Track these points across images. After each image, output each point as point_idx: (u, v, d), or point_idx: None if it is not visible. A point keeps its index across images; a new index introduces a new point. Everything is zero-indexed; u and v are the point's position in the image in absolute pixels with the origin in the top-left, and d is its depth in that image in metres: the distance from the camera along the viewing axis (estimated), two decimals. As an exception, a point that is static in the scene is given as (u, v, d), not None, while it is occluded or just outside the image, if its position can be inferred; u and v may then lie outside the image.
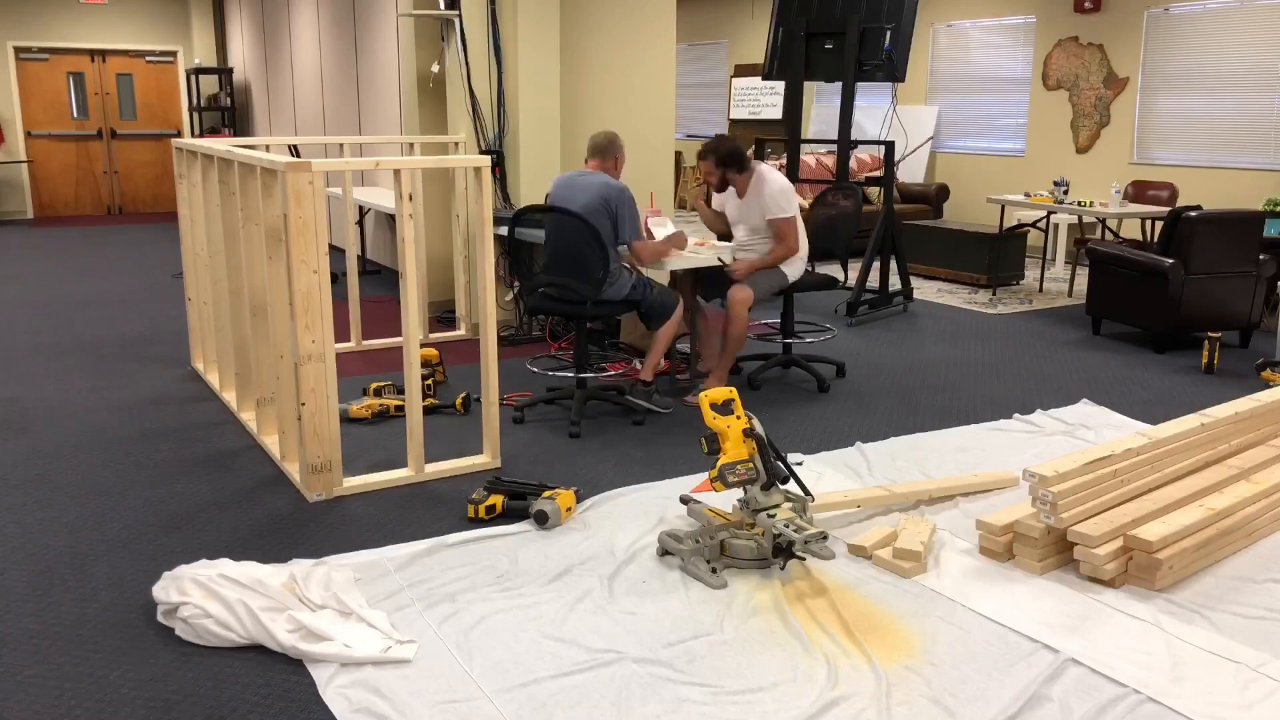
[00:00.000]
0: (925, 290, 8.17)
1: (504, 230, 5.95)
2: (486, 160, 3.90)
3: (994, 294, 8.10)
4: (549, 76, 6.32)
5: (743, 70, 13.63)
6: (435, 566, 3.26)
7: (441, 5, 6.34)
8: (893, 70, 6.67)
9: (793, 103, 7.26)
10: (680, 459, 4.27)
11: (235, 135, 12.95)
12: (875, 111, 11.51)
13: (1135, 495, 3.44)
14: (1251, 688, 2.60)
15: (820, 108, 12.60)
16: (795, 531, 3.10)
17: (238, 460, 4.23)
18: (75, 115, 13.06)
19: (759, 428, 3.31)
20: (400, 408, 4.77)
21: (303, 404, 3.71)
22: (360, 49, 8.71)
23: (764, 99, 13.26)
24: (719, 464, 3.23)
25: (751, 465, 3.26)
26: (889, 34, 6.63)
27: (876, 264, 7.32)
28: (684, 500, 3.69)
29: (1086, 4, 9.60)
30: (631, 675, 2.64)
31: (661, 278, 5.42)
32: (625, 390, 4.88)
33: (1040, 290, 8.32)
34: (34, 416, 4.80)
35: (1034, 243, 9.52)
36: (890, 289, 7.31)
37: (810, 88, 12.45)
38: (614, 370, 5.64)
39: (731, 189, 5.18)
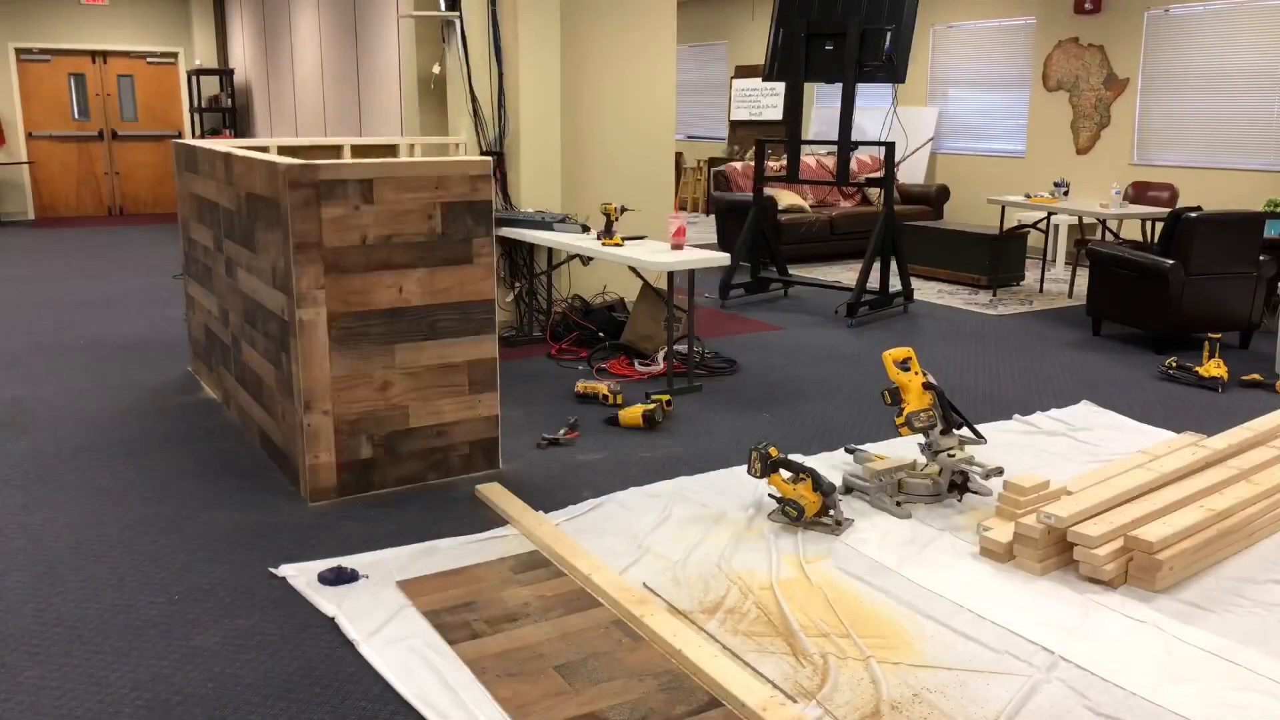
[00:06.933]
0: (925, 291, 8.17)
1: (505, 231, 6.01)
2: (488, 162, 3.90)
3: (994, 295, 8.10)
4: (549, 77, 6.33)
5: (743, 71, 13.63)
6: (435, 566, 3.26)
7: (442, 6, 6.35)
8: (893, 71, 6.67)
9: (793, 104, 7.26)
10: (681, 460, 4.27)
11: (236, 136, 12.96)
12: (875, 112, 11.53)
13: (1135, 496, 3.44)
14: (1251, 688, 2.60)
15: (821, 109, 12.60)
16: (975, 467, 3.69)
17: (238, 461, 4.23)
18: (76, 116, 13.07)
19: (934, 381, 3.80)
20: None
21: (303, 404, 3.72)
22: (361, 50, 8.72)
23: (764, 100, 13.27)
24: (905, 412, 3.74)
25: (932, 413, 3.75)
26: (889, 35, 6.64)
27: (877, 265, 7.32)
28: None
29: (1087, 5, 9.61)
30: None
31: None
32: None
33: (1040, 291, 8.32)
34: (35, 417, 4.80)
35: (1034, 244, 9.52)
36: (890, 290, 7.31)
37: (810, 89, 12.46)
38: (614, 370, 5.64)
39: None
